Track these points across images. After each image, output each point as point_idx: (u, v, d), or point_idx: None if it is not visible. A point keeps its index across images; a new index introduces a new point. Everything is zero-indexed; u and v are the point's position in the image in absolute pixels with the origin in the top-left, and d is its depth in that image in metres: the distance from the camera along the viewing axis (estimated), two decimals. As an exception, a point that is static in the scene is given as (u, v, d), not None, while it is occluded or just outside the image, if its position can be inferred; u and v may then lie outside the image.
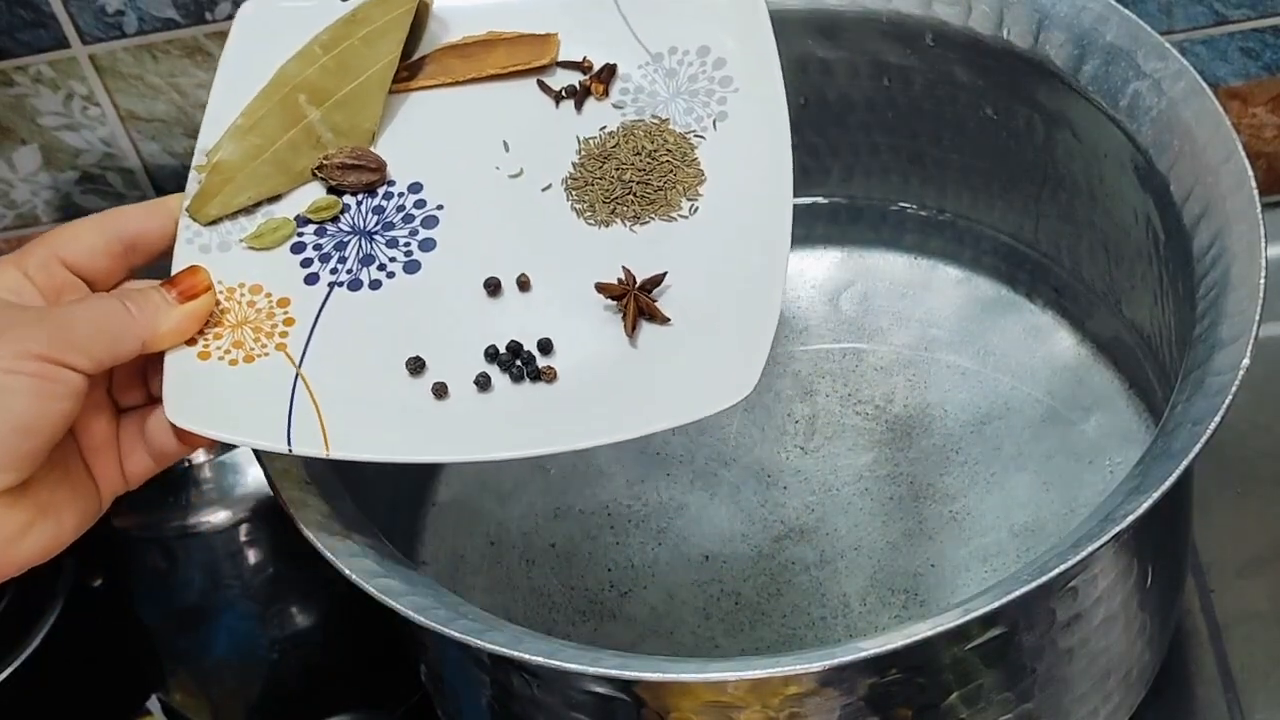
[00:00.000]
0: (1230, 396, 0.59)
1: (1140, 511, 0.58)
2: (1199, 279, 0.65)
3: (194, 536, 0.79)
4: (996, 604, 0.57)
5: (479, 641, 0.58)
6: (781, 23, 0.79)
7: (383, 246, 0.64)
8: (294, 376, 0.61)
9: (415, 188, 0.66)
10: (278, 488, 0.64)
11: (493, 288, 0.63)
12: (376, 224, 0.65)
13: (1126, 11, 0.71)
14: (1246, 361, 0.60)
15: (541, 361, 0.62)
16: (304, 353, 0.61)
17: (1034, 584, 0.57)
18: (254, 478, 0.78)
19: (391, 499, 0.78)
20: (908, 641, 0.56)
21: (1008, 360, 0.82)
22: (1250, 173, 0.65)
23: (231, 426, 0.59)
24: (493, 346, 0.62)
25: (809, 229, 0.88)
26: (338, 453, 0.59)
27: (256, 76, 0.66)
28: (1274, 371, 0.78)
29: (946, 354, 0.83)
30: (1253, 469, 0.84)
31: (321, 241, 0.64)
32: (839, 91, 0.82)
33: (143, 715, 0.87)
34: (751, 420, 0.82)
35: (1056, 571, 0.57)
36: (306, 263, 0.64)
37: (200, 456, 0.78)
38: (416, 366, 0.61)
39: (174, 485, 0.78)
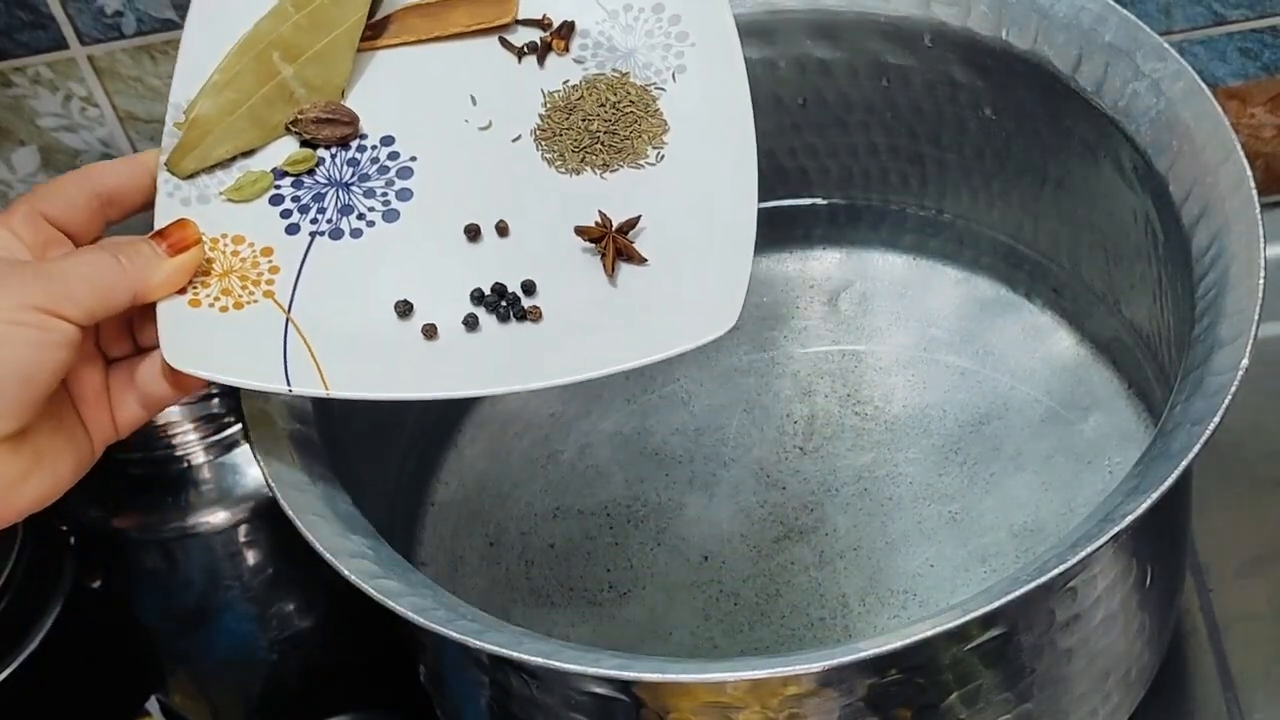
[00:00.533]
0: (1229, 396, 0.59)
1: (1139, 512, 0.58)
2: (1198, 279, 0.65)
3: (194, 537, 0.79)
4: (996, 604, 0.57)
5: (478, 642, 0.58)
6: (781, 23, 0.79)
7: (360, 197, 0.65)
8: (284, 321, 0.62)
9: (387, 140, 0.67)
10: (277, 488, 0.64)
11: (473, 233, 0.65)
12: (352, 176, 0.66)
13: (1125, 12, 0.71)
14: (1245, 361, 0.60)
15: (526, 302, 0.63)
16: (292, 299, 0.63)
17: (1033, 584, 0.57)
18: (253, 478, 0.78)
19: (391, 499, 0.78)
20: (907, 642, 0.56)
21: (1007, 360, 0.82)
22: (1249, 173, 0.65)
23: (230, 369, 0.61)
24: (478, 289, 0.63)
25: (809, 229, 0.88)
26: (337, 391, 0.60)
27: (223, 34, 0.67)
28: (1274, 371, 0.78)
29: (946, 354, 0.83)
30: (1252, 469, 0.84)
31: (299, 193, 0.65)
32: (838, 92, 0.82)
33: (142, 716, 0.87)
34: (751, 421, 0.82)
35: (1056, 572, 0.57)
36: (286, 214, 0.65)
37: (199, 457, 0.78)
38: (404, 309, 0.63)
39: (174, 486, 0.78)
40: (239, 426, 0.77)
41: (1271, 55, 0.91)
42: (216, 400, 0.77)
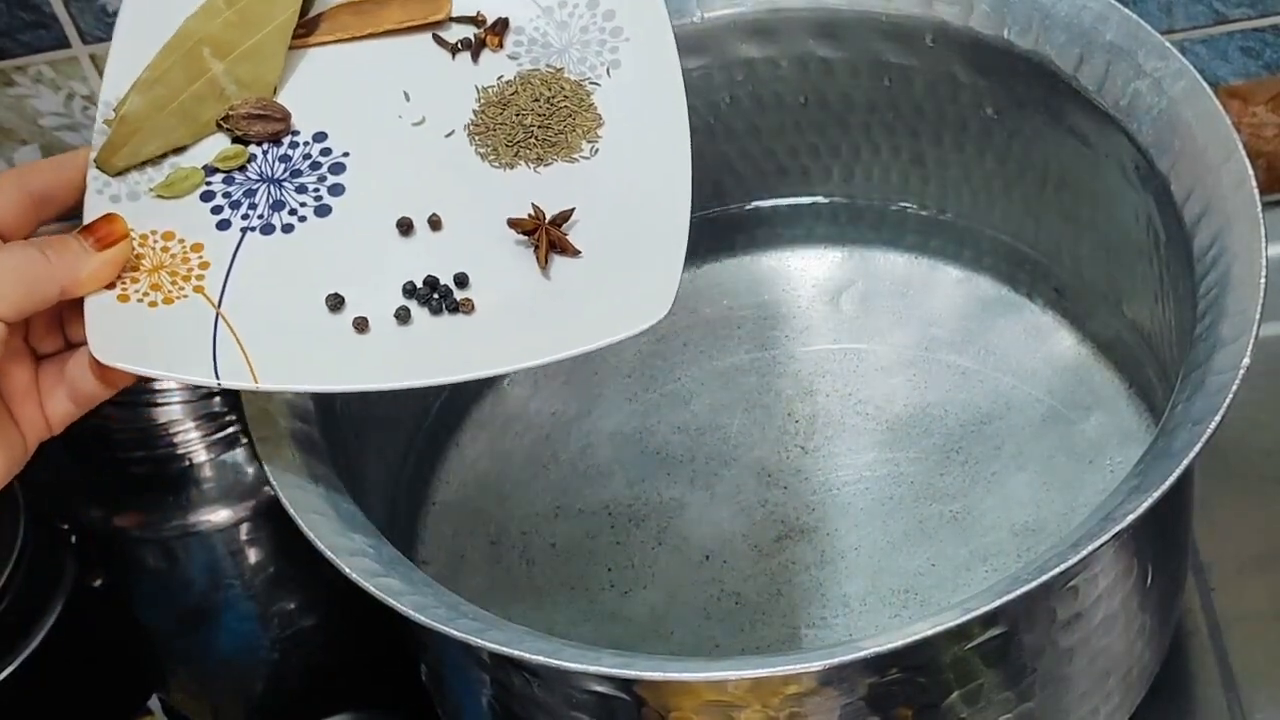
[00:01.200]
0: (1230, 396, 0.59)
1: (1140, 511, 0.58)
2: (1199, 278, 0.65)
3: (194, 536, 0.79)
4: (997, 603, 0.57)
5: (479, 641, 0.58)
6: (783, 22, 0.79)
7: (292, 192, 0.65)
8: (214, 316, 0.62)
9: (320, 137, 0.67)
10: (277, 487, 0.64)
11: (405, 227, 0.65)
12: (284, 172, 0.66)
13: (1127, 11, 0.71)
14: (1247, 361, 0.60)
15: (459, 294, 0.63)
16: (222, 294, 0.63)
17: (1034, 583, 0.57)
18: (255, 477, 0.78)
19: (391, 499, 0.78)
20: (908, 641, 0.56)
21: (1008, 360, 0.82)
22: (1250, 172, 0.65)
23: (158, 362, 0.60)
24: (410, 282, 0.63)
25: (809, 229, 0.88)
26: (267, 384, 0.60)
27: (155, 31, 0.67)
28: (1274, 371, 0.78)
29: (947, 354, 0.83)
30: (1253, 468, 0.84)
31: (230, 189, 0.65)
32: (839, 91, 0.82)
33: (143, 715, 0.87)
34: (752, 420, 0.82)
35: (1056, 571, 0.57)
36: (217, 209, 0.65)
37: (200, 456, 0.78)
38: (336, 303, 0.63)
39: (174, 485, 0.78)
40: (240, 424, 0.77)
41: (1273, 54, 0.91)
42: (218, 399, 0.77)
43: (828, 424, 0.81)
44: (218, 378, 0.60)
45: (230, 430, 0.78)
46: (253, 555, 0.80)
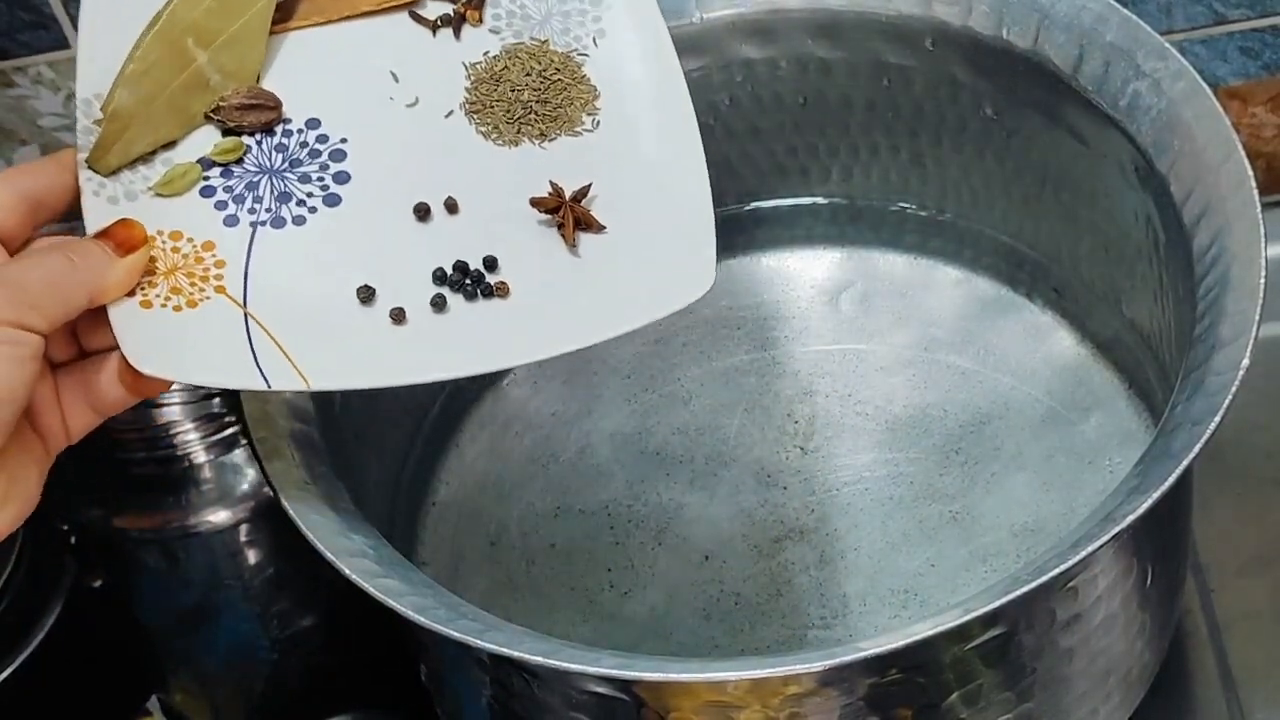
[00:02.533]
0: (1230, 396, 0.59)
1: (1140, 511, 0.58)
2: (1199, 279, 0.65)
3: (194, 536, 0.79)
4: (996, 604, 0.57)
5: (479, 641, 0.58)
6: (782, 22, 0.79)
7: (296, 183, 0.64)
8: (243, 317, 0.60)
9: (313, 123, 0.65)
10: (278, 488, 0.64)
11: (422, 212, 0.63)
12: (283, 162, 0.64)
13: (1126, 11, 0.71)
14: (1246, 361, 0.60)
15: (492, 278, 0.62)
16: (245, 292, 0.61)
17: (1034, 584, 0.57)
18: (254, 478, 0.78)
19: (391, 499, 0.79)
20: (908, 641, 0.56)
21: (1008, 360, 0.82)
22: (1250, 172, 0.65)
23: (198, 370, 0.59)
24: (440, 269, 0.62)
25: (809, 229, 0.88)
26: (318, 384, 0.59)
27: (119, 26, 0.64)
28: (1274, 371, 0.78)
29: (946, 354, 0.83)
30: (1253, 469, 0.84)
31: (231, 183, 0.63)
32: (839, 91, 0.82)
33: (143, 715, 0.87)
34: (751, 420, 0.82)
35: (1056, 571, 0.57)
36: (221, 205, 0.63)
37: (200, 456, 0.78)
38: (367, 295, 0.61)
39: (174, 485, 0.78)
40: (240, 425, 0.77)
41: (1272, 55, 0.91)
42: (217, 400, 0.77)
43: (827, 424, 0.81)
44: (268, 382, 0.58)
45: (230, 431, 0.78)
46: (252, 556, 0.80)
